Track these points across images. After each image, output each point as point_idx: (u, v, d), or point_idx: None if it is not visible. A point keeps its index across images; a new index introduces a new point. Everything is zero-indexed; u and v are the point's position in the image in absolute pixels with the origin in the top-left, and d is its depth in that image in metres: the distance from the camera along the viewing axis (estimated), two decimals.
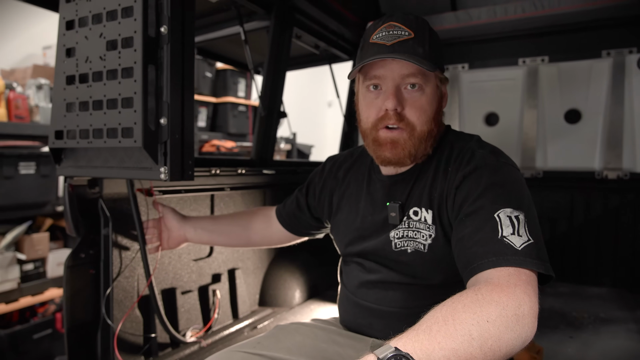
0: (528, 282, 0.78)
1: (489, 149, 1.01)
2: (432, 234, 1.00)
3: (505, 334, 0.70)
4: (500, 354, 0.69)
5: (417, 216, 1.03)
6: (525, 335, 0.73)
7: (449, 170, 1.00)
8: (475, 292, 0.75)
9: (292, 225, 1.39)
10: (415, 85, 0.99)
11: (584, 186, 2.52)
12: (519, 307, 0.73)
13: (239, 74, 4.79)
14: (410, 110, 1.00)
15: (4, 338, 2.72)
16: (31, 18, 3.80)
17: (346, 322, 1.19)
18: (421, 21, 1.02)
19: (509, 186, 0.91)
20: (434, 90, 1.01)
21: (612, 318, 1.98)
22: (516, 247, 0.82)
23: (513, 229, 0.84)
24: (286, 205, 1.39)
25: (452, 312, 0.70)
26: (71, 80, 1.24)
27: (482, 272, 0.82)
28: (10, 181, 2.88)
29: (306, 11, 2.25)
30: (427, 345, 0.65)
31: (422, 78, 0.98)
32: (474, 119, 2.78)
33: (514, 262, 0.80)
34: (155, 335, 1.56)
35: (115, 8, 1.15)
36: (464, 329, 0.67)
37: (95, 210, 1.43)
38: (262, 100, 2.14)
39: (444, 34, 2.65)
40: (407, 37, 0.97)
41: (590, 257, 2.51)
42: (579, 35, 2.51)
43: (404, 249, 1.03)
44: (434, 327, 0.68)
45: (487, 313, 0.70)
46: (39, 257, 3.07)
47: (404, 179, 1.08)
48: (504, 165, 0.96)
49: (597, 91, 2.47)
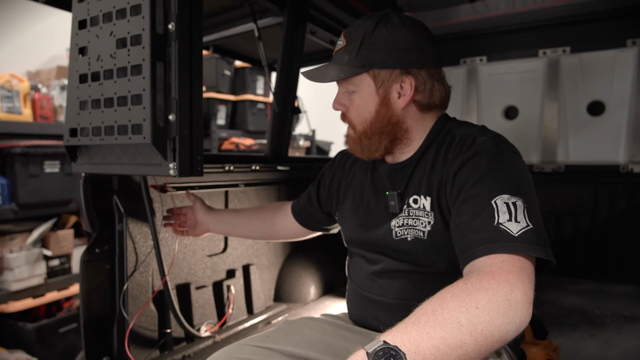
0: (522, 268, 0.78)
1: (490, 135, 0.99)
2: (430, 220, 1.00)
3: (497, 319, 0.69)
4: (493, 339, 0.69)
5: (416, 204, 1.03)
6: (520, 320, 0.72)
7: (449, 157, 0.99)
8: (465, 281, 0.75)
9: (305, 220, 1.42)
10: (349, 90, 1.07)
11: (608, 180, 2.44)
12: (510, 292, 0.72)
13: (257, 71, 4.81)
14: (350, 112, 1.09)
15: (32, 331, 2.81)
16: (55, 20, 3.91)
17: (353, 316, 1.19)
18: (365, 25, 1.03)
19: (508, 172, 0.90)
20: (369, 91, 1.04)
21: (636, 316, 1.91)
22: (512, 233, 0.81)
23: (510, 216, 0.83)
24: (300, 200, 1.43)
25: (440, 302, 0.71)
26: (84, 78, 1.26)
27: (477, 260, 0.82)
28: (36, 179, 2.97)
29: (320, 6, 2.24)
30: (416, 336, 0.66)
31: (350, 83, 1.05)
32: (493, 113, 2.72)
33: (509, 248, 0.79)
34: (170, 330, 1.58)
35: (125, 6, 1.16)
36: (453, 317, 0.68)
37: (110, 206, 1.46)
38: (276, 96, 2.14)
39: (461, 26, 2.61)
40: (340, 47, 1.06)
41: (615, 254, 2.43)
42: (602, 24, 2.43)
43: (404, 237, 1.03)
44: (422, 318, 0.68)
45: (476, 300, 0.70)
46: (64, 253, 3.16)
47: (403, 168, 1.09)
48: (504, 151, 0.94)
49: (622, 82, 2.38)
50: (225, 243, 1.91)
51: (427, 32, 1.06)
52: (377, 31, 1.01)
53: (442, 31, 2.69)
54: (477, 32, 2.67)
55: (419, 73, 1.03)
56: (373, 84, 1.03)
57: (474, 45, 2.75)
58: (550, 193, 2.57)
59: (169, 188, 1.57)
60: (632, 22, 2.37)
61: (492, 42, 2.71)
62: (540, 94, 2.56)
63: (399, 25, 1.02)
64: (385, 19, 1.03)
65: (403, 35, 1.01)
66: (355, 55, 1.02)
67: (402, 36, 1.01)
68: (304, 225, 1.42)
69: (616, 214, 2.43)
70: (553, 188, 2.56)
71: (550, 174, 2.58)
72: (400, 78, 1.02)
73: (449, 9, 2.53)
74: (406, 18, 1.05)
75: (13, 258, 2.78)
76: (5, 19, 3.96)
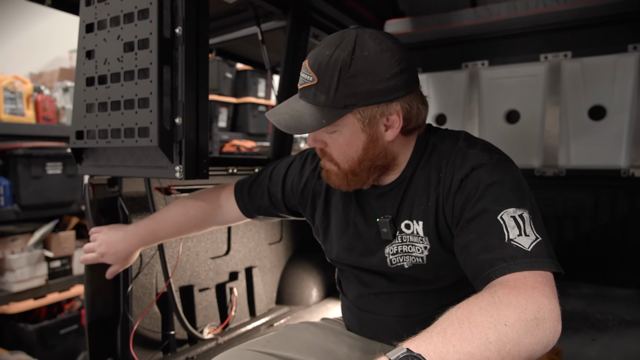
0: (545, 284, 0.75)
1: (479, 146, 0.95)
2: (427, 245, 0.97)
3: (525, 339, 0.67)
4: (520, 358, 0.67)
5: (409, 229, 0.99)
6: (547, 339, 0.70)
7: (440, 177, 0.95)
8: (492, 294, 0.72)
9: (251, 210, 1.30)
10: (329, 130, 0.95)
11: (609, 185, 2.45)
12: (538, 310, 0.70)
13: (259, 74, 4.82)
14: (330, 149, 0.98)
15: (33, 333, 2.82)
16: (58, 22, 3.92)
17: (352, 330, 1.17)
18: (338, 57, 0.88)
19: (508, 184, 0.87)
20: (353, 130, 0.93)
21: (637, 320, 1.92)
22: (525, 248, 0.78)
23: (519, 230, 0.80)
24: (250, 194, 1.28)
25: (467, 314, 0.68)
26: (91, 81, 1.27)
27: (494, 281, 0.78)
28: (38, 181, 2.98)
29: (323, 11, 2.25)
30: (441, 347, 0.63)
31: (332, 125, 0.92)
32: (494, 117, 2.73)
33: (526, 265, 0.77)
34: (174, 332, 1.59)
35: (132, 10, 1.17)
36: (481, 332, 0.65)
37: (115, 208, 1.47)
38: (279, 99, 2.15)
39: (463, 30, 2.62)
40: (310, 84, 0.91)
41: (616, 258, 2.43)
42: (603, 29, 2.44)
43: (400, 265, 1.00)
44: (448, 329, 0.66)
45: (504, 316, 0.67)
46: (66, 254, 3.16)
47: (392, 191, 1.03)
48: (500, 162, 0.91)
49: (623, 87, 2.39)
50: (229, 245, 1.92)
51: (403, 49, 0.94)
52: (354, 63, 0.88)
53: (443, 35, 2.70)
54: (479, 36, 2.68)
55: (405, 100, 0.93)
56: (359, 123, 0.92)
57: (475, 50, 2.76)
58: (551, 197, 2.58)
59: (173, 190, 1.58)
60: (633, 28, 2.38)
61: (494, 46, 2.72)
62: (542, 98, 2.57)
63: (378, 52, 0.89)
64: (359, 46, 0.89)
65: (384, 63, 0.89)
66: (333, 95, 0.89)
67: (384, 63, 0.89)
68: (248, 215, 1.31)
69: (617, 218, 2.44)
70: (554, 192, 2.56)
71: (551, 178, 2.59)
72: (387, 111, 0.92)
73: (451, 13, 2.54)
74: (381, 39, 0.91)
75: (14, 259, 2.78)
76: (8, 20, 3.98)
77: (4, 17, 3.97)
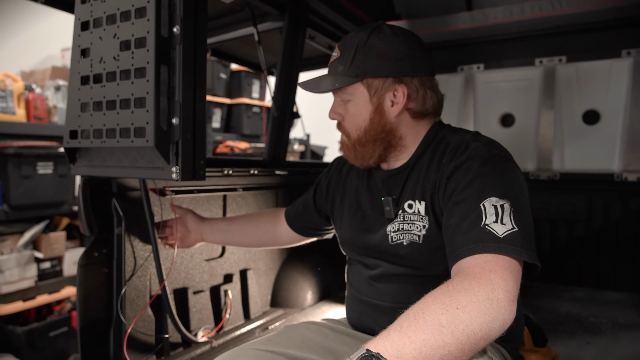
0: (506, 268, 0.79)
1: (483, 141, 1.02)
2: (425, 224, 1.02)
3: (478, 318, 0.71)
4: (476, 337, 0.70)
5: (411, 209, 1.05)
6: (503, 317, 0.74)
7: (443, 162, 1.02)
8: (447, 284, 0.77)
9: (299, 226, 1.44)
10: (344, 99, 1.09)
11: (602, 189, 2.47)
12: (492, 291, 0.74)
13: (253, 75, 4.81)
14: (345, 121, 1.12)
15: (21, 335, 2.77)
16: (50, 20, 3.87)
17: (352, 320, 1.21)
18: (358, 36, 1.06)
19: (497, 176, 0.92)
20: (363, 99, 1.07)
21: (631, 324, 1.93)
22: (498, 234, 0.83)
23: (496, 217, 0.85)
24: (295, 208, 1.45)
25: (422, 306, 0.73)
26: (85, 80, 1.25)
27: (462, 260, 0.84)
28: (28, 181, 2.93)
29: (320, 12, 2.24)
30: (398, 341, 0.68)
31: (344, 93, 1.08)
32: (489, 120, 2.74)
33: (493, 249, 0.82)
34: (168, 335, 1.57)
35: (129, 9, 1.15)
36: (433, 319, 0.69)
37: (109, 209, 1.45)
38: (275, 101, 2.14)
39: (459, 34, 2.62)
40: (334, 58, 1.10)
41: (609, 261, 2.45)
42: (598, 34, 2.46)
43: (400, 242, 1.05)
44: (404, 323, 0.71)
45: (456, 300, 0.72)
46: (56, 255, 3.12)
47: (398, 174, 1.11)
48: (495, 156, 0.97)
49: (617, 91, 2.42)
50: (223, 247, 1.90)
51: (419, 42, 1.09)
52: (369, 41, 1.04)
53: (439, 38, 2.70)
54: (475, 40, 2.69)
55: (411, 81, 1.05)
56: (367, 92, 1.06)
57: (471, 53, 2.78)
58: (545, 200, 2.59)
59: (167, 191, 1.56)
60: (627, 33, 2.40)
61: (490, 50, 2.73)
62: (537, 102, 2.59)
63: (391, 35, 1.05)
64: (377, 29, 1.06)
65: (395, 45, 1.05)
66: (349, 66, 1.05)
67: (394, 46, 1.04)
68: (297, 231, 1.45)
69: (610, 222, 2.46)
70: (548, 195, 2.58)
71: (545, 182, 2.60)
72: (392, 87, 1.05)
73: (447, 17, 2.55)
74: (398, 29, 1.08)
75: (3, 260, 2.73)
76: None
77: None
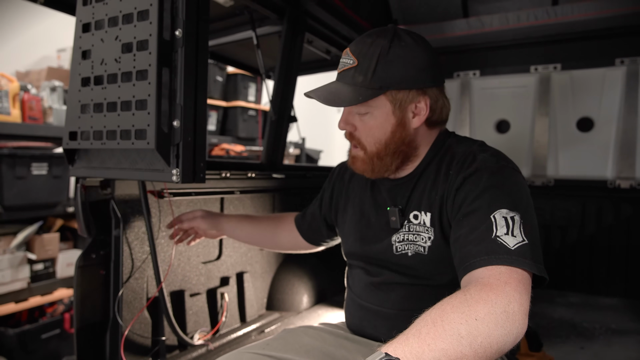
0: (519, 281, 0.79)
1: (490, 152, 1.01)
2: (431, 236, 1.02)
3: (495, 331, 0.71)
4: (492, 350, 0.70)
5: (417, 220, 1.05)
6: (516, 331, 0.74)
7: (450, 174, 1.01)
8: (464, 292, 0.76)
9: (309, 235, 1.43)
10: (361, 112, 1.03)
11: (595, 195, 2.50)
12: (508, 304, 0.74)
13: (249, 78, 4.81)
14: (359, 132, 1.06)
15: (13, 337, 2.74)
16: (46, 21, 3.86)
17: (352, 325, 1.19)
18: (378, 44, 0.99)
19: (507, 188, 0.92)
20: (385, 112, 1.02)
21: (623, 329, 1.95)
22: (509, 246, 0.83)
23: (507, 229, 0.85)
24: (305, 217, 1.43)
25: (440, 313, 0.72)
26: (86, 82, 1.25)
27: (474, 271, 0.83)
28: (22, 181, 2.91)
29: (318, 17, 2.26)
30: (417, 348, 0.66)
31: (363, 105, 1.02)
32: (485, 126, 2.77)
33: (506, 261, 0.81)
34: (165, 337, 1.56)
35: (132, 11, 1.16)
36: (453, 329, 0.69)
37: (107, 211, 1.44)
38: (272, 104, 2.15)
39: (456, 40, 2.65)
40: (350, 66, 1.02)
41: (602, 267, 2.48)
42: (592, 43, 2.50)
43: (404, 253, 1.05)
44: (423, 329, 0.69)
45: (475, 311, 0.71)
46: (49, 257, 3.09)
47: (404, 183, 1.10)
48: (504, 168, 0.96)
49: (610, 99, 2.45)
50: (220, 250, 1.90)
51: (432, 49, 1.06)
52: (392, 50, 0.99)
53: (436, 45, 2.73)
54: (471, 46, 2.72)
55: (432, 91, 1.03)
56: (390, 105, 1.01)
57: (467, 60, 2.80)
58: (539, 206, 2.61)
59: (166, 194, 1.56)
60: (621, 42, 2.44)
61: (486, 57, 2.76)
62: (532, 109, 2.62)
63: (413, 44, 1.01)
64: (397, 37, 1.01)
65: (418, 54, 1.01)
66: (370, 76, 0.99)
67: (418, 55, 1.01)
68: (308, 240, 1.44)
69: (603, 228, 2.49)
70: (542, 201, 2.60)
71: (540, 188, 2.63)
72: (416, 98, 1.02)
73: (444, 23, 2.58)
74: (415, 35, 1.04)
75: None
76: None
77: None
